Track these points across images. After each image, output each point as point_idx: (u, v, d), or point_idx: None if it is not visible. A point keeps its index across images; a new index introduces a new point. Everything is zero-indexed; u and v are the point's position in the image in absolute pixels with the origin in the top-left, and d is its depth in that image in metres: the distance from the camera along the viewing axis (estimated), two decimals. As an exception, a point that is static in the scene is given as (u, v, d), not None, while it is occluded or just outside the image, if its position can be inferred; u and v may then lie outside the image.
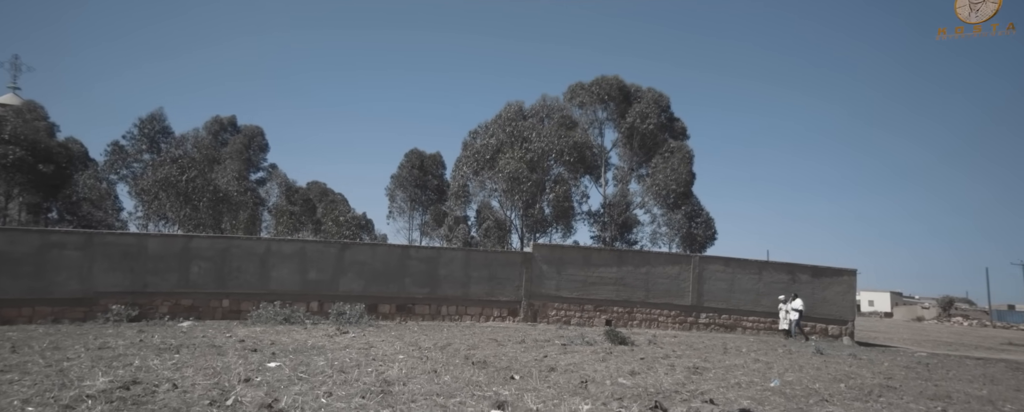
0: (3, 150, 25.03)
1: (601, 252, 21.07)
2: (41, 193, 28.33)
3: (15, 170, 25.72)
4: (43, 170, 26.84)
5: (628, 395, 6.65)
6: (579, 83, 32.74)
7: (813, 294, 19.64)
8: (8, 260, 13.75)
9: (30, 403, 4.87)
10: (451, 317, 17.53)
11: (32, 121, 28.35)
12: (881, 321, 49.84)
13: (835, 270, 20.02)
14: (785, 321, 18.48)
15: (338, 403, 5.44)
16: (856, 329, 20.34)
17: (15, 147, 25.37)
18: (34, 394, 5.23)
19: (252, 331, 12.22)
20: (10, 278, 13.70)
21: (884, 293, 71.99)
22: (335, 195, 41.24)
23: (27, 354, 7.93)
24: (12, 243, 13.97)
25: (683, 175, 30.36)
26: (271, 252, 16.36)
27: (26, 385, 5.68)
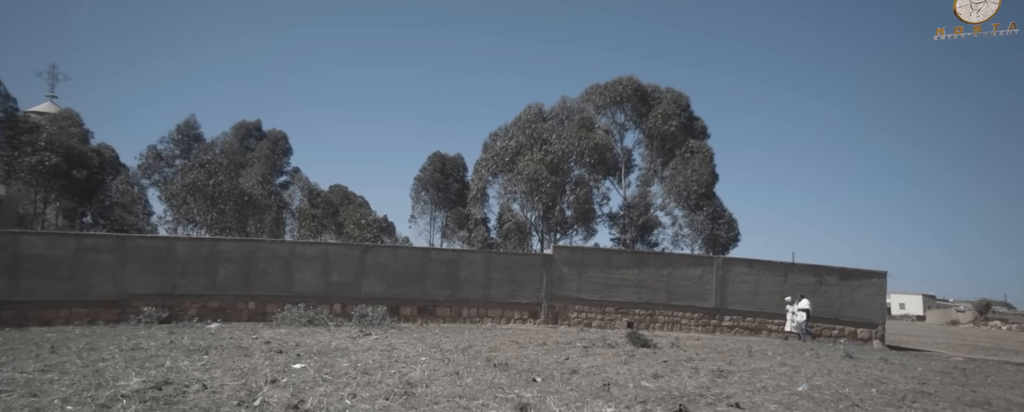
0: (40, 157, 25.94)
1: (622, 254, 20.90)
2: (76, 198, 29.29)
3: (52, 176, 26.64)
4: (78, 176, 27.75)
5: (652, 398, 6.57)
6: (596, 84, 32.60)
7: (841, 297, 19.18)
8: (47, 263, 14.22)
9: (69, 402, 5.02)
10: (472, 319, 17.56)
11: (67, 128, 29.35)
12: (913, 325, 48.41)
13: (864, 272, 19.53)
14: (791, 322, 18.13)
15: (362, 404, 5.48)
16: (887, 333, 19.79)
17: (51, 154, 26.27)
18: (73, 393, 5.39)
19: (277, 333, 12.41)
20: (49, 281, 14.17)
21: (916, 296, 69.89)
22: (356, 198, 41.76)
23: (65, 354, 8.18)
24: (50, 247, 14.45)
25: (704, 175, 29.96)
26: (295, 255, 16.61)
27: (65, 384, 5.86)
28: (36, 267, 14.10)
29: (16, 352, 8.44)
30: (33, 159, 25.86)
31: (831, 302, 19.20)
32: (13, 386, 5.76)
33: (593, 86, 32.54)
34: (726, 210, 31.83)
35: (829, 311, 19.12)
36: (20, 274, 13.96)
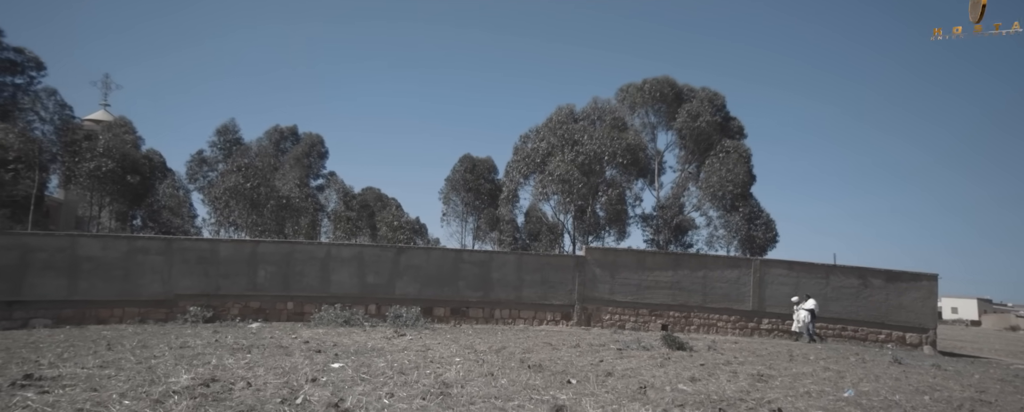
0: (98, 163, 27.36)
1: (656, 255, 20.59)
2: (128, 202, 30.75)
3: (108, 181, 28.06)
4: (130, 181, 29.12)
5: (690, 402, 6.45)
6: (629, 84, 32.27)
7: (887, 300, 18.43)
8: (102, 265, 14.97)
9: (126, 396, 5.27)
10: (504, 320, 17.59)
11: (121, 135, 30.87)
12: (967, 330, 46.01)
13: (913, 275, 18.71)
14: (797, 322, 17.57)
15: (400, 404, 5.56)
16: (938, 338, 18.89)
17: (107, 160, 27.67)
18: (129, 388, 5.65)
19: (315, 333, 12.71)
20: (104, 281, 14.90)
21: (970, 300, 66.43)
22: (389, 200, 42.43)
23: (120, 352, 8.59)
24: (105, 249, 15.20)
25: (740, 175, 29.27)
26: (331, 256, 16.98)
27: (122, 380, 6.15)
28: (92, 268, 14.85)
29: (77, 349, 8.91)
30: (91, 165, 27.29)
31: (877, 305, 18.45)
32: (76, 381, 6.08)
33: (626, 85, 32.25)
34: (763, 211, 31.01)
35: (875, 315, 18.39)
36: (78, 275, 14.72)
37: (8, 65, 19.68)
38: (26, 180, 25.88)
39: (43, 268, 14.44)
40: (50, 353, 8.34)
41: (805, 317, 17.08)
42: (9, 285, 14.12)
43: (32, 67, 20.45)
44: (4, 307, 13.96)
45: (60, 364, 7.31)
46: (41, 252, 14.53)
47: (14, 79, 19.89)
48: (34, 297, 14.27)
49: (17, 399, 5.14)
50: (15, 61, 19.90)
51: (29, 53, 20.54)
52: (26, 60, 20.29)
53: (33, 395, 5.31)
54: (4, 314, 13.89)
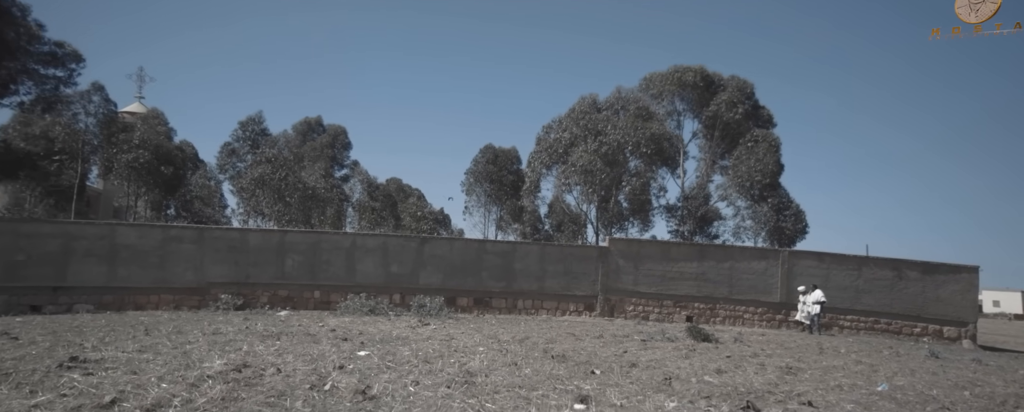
0: (134, 154, 28.31)
1: (680, 246, 20.35)
2: (162, 192, 31.77)
3: (144, 172, 29.03)
4: (164, 171, 30.06)
5: (716, 394, 6.37)
6: (655, 73, 31.75)
7: (924, 293, 17.88)
8: (138, 252, 15.50)
9: (164, 380, 5.47)
10: (527, 311, 17.65)
11: (155, 127, 31.84)
12: (1011, 324, 44.30)
13: (951, 267, 18.10)
14: (803, 313, 17.18)
15: (425, 392, 5.63)
16: (979, 332, 18.28)
17: (143, 151, 28.61)
18: (166, 372, 5.86)
19: (341, 321, 12.95)
20: (140, 268, 15.44)
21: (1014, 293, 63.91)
22: (412, 191, 42.82)
23: (157, 337, 8.90)
24: (141, 237, 15.73)
25: (769, 165, 28.65)
26: (356, 246, 17.25)
27: (159, 364, 6.38)
28: (130, 256, 15.39)
29: (117, 333, 9.26)
30: (128, 156, 28.24)
31: (912, 298, 17.93)
32: (117, 364, 6.33)
33: (651, 74, 31.75)
34: (793, 201, 30.33)
35: (910, 308, 17.88)
36: (117, 262, 15.28)
37: (49, 58, 20.43)
38: (70, 171, 26.93)
39: (85, 255, 15.02)
40: (93, 337, 8.69)
41: (816, 310, 16.73)
42: (54, 271, 14.74)
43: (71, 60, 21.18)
44: (50, 292, 14.60)
45: (102, 348, 7.61)
46: (83, 240, 15.12)
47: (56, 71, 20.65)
48: (77, 283, 14.88)
49: (65, 380, 5.38)
50: (56, 54, 20.64)
51: (68, 47, 21.27)
52: (66, 53, 21.01)
53: (79, 376, 5.54)
54: (50, 299, 14.53)
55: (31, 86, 20.22)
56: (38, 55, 19.96)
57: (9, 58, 18.71)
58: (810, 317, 16.85)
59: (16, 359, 6.56)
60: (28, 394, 4.85)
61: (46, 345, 7.77)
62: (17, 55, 18.97)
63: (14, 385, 5.16)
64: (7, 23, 18.06)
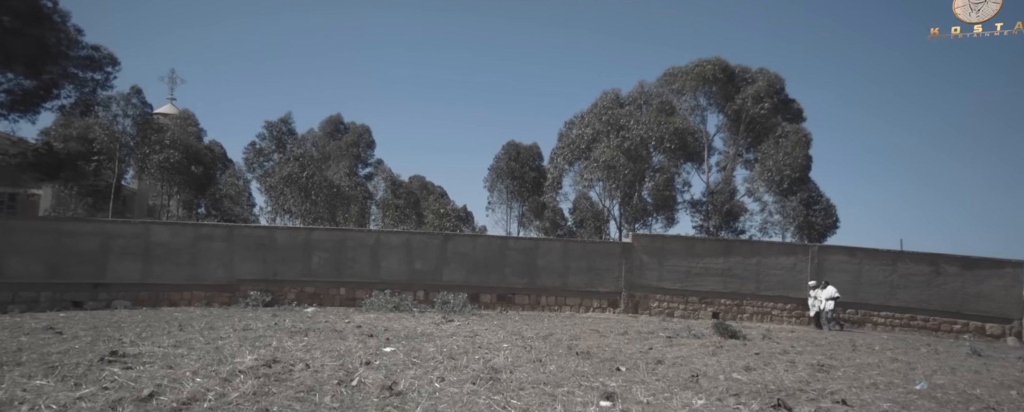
0: (166, 154, 29.18)
1: (706, 242, 20.05)
2: (193, 191, 32.66)
3: (175, 171, 29.91)
4: (195, 171, 30.90)
5: (745, 391, 6.27)
6: (676, 67, 31.27)
7: (964, 288, 17.28)
8: (172, 250, 15.96)
9: (198, 374, 5.63)
10: (550, 307, 17.63)
11: (186, 127, 32.73)
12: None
13: (994, 261, 17.46)
14: (814, 309, 16.74)
15: (451, 388, 5.67)
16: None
17: (175, 151, 29.46)
18: (200, 367, 6.03)
19: (367, 318, 13.14)
20: (174, 266, 15.90)
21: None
22: (435, 188, 43.12)
23: (190, 332, 9.17)
24: (174, 236, 16.20)
25: (799, 159, 28.01)
26: (380, 243, 17.44)
27: (193, 359, 6.57)
28: (164, 253, 15.86)
29: (153, 329, 9.57)
30: (161, 156, 29.13)
31: (951, 294, 17.34)
32: (154, 358, 6.55)
33: (672, 68, 31.26)
34: (823, 195, 29.60)
35: (949, 304, 17.30)
36: (152, 260, 15.77)
37: (87, 62, 21.14)
38: (107, 171, 27.89)
39: (122, 253, 15.54)
40: (131, 332, 8.99)
41: (829, 306, 16.33)
42: (94, 269, 15.29)
43: (108, 63, 21.90)
44: (90, 289, 15.15)
45: (140, 342, 7.88)
46: (120, 238, 15.63)
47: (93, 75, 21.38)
48: (115, 280, 15.41)
49: (106, 373, 5.59)
50: (93, 58, 21.35)
51: (105, 50, 22.01)
52: (103, 57, 21.74)
53: (119, 370, 5.75)
54: (91, 295, 15.09)
55: (71, 89, 20.97)
56: (77, 59, 20.68)
57: (51, 63, 19.42)
58: (822, 313, 16.52)
59: (61, 353, 6.83)
60: (73, 386, 5.05)
61: (88, 340, 8.08)
62: (58, 60, 19.69)
63: (60, 378, 5.38)
64: (48, 29, 18.74)
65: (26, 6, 17.84)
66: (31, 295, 14.67)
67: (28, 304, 14.39)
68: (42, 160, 20.89)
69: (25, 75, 19.35)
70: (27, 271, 14.79)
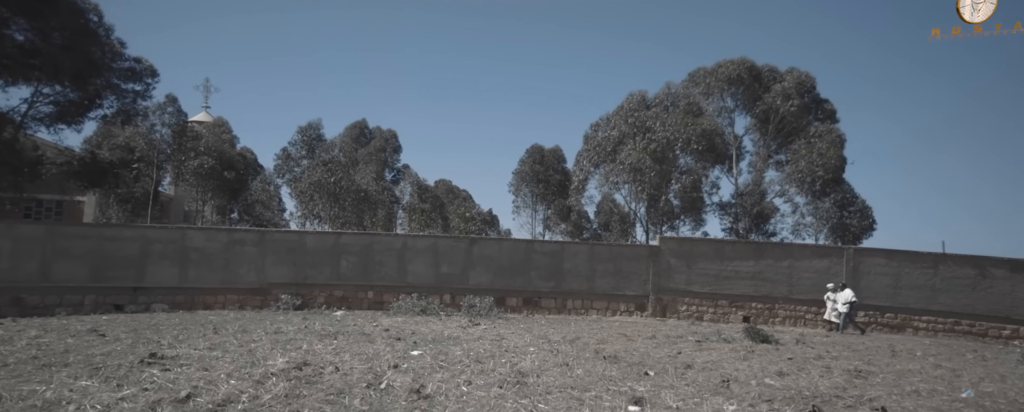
0: (201, 161, 30.17)
1: (735, 244, 19.65)
2: (226, 196, 33.63)
3: (209, 177, 30.88)
4: (228, 177, 31.84)
5: (779, 397, 6.10)
6: (701, 68, 30.81)
7: (1013, 292, 16.54)
8: (206, 255, 16.46)
9: (232, 377, 5.77)
10: (577, 311, 17.53)
11: (220, 135, 33.76)
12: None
13: (1046, 262, 16.66)
14: (832, 313, 16.20)
15: (478, 391, 5.68)
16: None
17: (209, 158, 30.43)
18: (234, 369, 6.18)
19: (394, 321, 13.27)
20: (208, 270, 16.39)
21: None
22: (461, 192, 43.39)
23: (224, 335, 9.41)
24: (208, 240, 16.70)
25: (832, 160, 27.24)
26: (407, 247, 17.64)
27: (227, 361, 6.74)
28: (199, 258, 16.37)
29: (189, 332, 9.87)
30: (196, 163, 30.12)
31: (999, 298, 16.60)
32: (190, 360, 6.74)
33: (697, 70, 30.81)
34: (858, 197, 28.73)
35: (996, 308, 16.57)
36: (188, 264, 16.29)
37: (129, 74, 22.09)
38: (146, 178, 28.98)
39: (160, 258, 16.10)
40: (168, 335, 9.29)
41: (845, 309, 15.81)
42: (134, 273, 15.88)
43: (148, 75, 22.84)
44: (130, 293, 15.73)
45: (177, 345, 8.13)
46: (158, 243, 16.20)
47: (134, 86, 22.32)
48: (154, 284, 15.97)
49: (146, 375, 5.79)
50: (135, 70, 22.29)
51: (145, 62, 22.95)
52: (143, 68, 22.68)
53: (158, 372, 5.94)
54: (131, 299, 15.66)
55: (113, 100, 21.91)
56: (119, 71, 21.63)
57: (96, 75, 20.36)
58: (840, 316, 16.03)
59: (104, 355, 7.10)
60: (115, 387, 5.24)
61: (128, 342, 8.38)
62: (102, 72, 20.62)
63: (103, 379, 5.59)
64: (94, 43, 19.64)
65: (75, 23, 18.73)
66: (76, 298, 15.31)
67: (74, 307, 15.02)
68: (86, 168, 21.84)
69: (72, 87, 20.30)
70: (72, 275, 15.44)
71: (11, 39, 18.01)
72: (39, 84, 19.89)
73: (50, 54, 18.11)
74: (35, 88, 20.14)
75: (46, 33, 18.40)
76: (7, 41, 17.71)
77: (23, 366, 6.27)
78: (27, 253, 15.23)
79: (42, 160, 21.34)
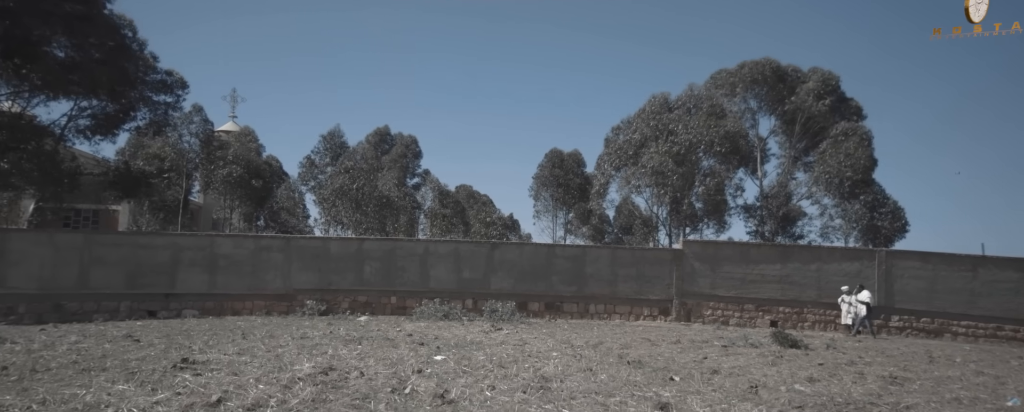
0: (229, 170, 30.92)
1: (761, 247, 19.28)
2: (253, 204, 34.37)
3: (237, 186, 31.61)
4: (255, 185, 32.55)
5: (809, 404, 5.96)
6: (722, 69, 30.39)
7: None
8: (234, 262, 16.83)
9: (261, 381, 5.89)
10: (599, 315, 17.39)
11: (247, 144, 34.57)
12: None
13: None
14: (849, 316, 15.75)
15: (502, 396, 5.68)
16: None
17: (237, 166, 31.17)
18: (262, 374, 6.31)
19: (417, 326, 13.36)
20: (237, 276, 16.75)
21: None
22: (482, 197, 43.50)
23: (252, 340, 9.60)
24: (236, 247, 17.07)
25: (861, 160, 26.52)
26: (429, 252, 17.75)
27: (255, 366, 6.88)
28: (227, 264, 16.73)
29: (218, 337, 10.09)
30: (224, 172, 30.89)
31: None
32: (220, 366, 6.90)
33: (719, 71, 30.40)
34: (889, 198, 27.91)
35: (1038, 313, 15.89)
36: (217, 271, 16.67)
37: (161, 86, 22.82)
38: (176, 187, 29.81)
39: (190, 265, 16.51)
40: (199, 341, 9.52)
41: (862, 310, 15.31)
42: (166, 280, 16.32)
43: (178, 87, 23.55)
44: (163, 299, 16.17)
45: (207, 350, 8.32)
46: (188, 251, 16.63)
47: (165, 98, 23.03)
48: (184, 290, 16.38)
49: (178, 379, 5.94)
50: (166, 82, 23.02)
51: (176, 74, 23.68)
52: (174, 80, 23.40)
53: (189, 377, 6.09)
54: (163, 305, 16.09)
55: (145, 111, 22.64)
56: (151, 83, 22.38)
57: (130, 88, 21.12)
58: (857, 318, 15.56)
59: (139, 359, 7.31)
60: (150, 391, 5.39)
61: (162, 347, 8.61)
62: (136, 85, 21.37)
63: (139, 383, 5.75)
64: (128, 58, 20.39)
65: (111, 39, 19.47)
66: (113, 304, 15.80)
67: (110, 313, 15.51)
68: (121, 178, 22.56)
69: (108, 100, 21.06)
70: (109, 282, 15.94)
71: (53, 56, 18.79)
72: (78, 98, 20.67)
73: (88, 69, 18.83)
74: (74, 102, 20.95)
75: (85, 49, 19.16)
76: (49, 58, 18.48)
77: (64, 370, 6.50)
78: (67, 261, 15.79)
79: (80, 171, 22.13)
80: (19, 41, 17.38)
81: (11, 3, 16.90)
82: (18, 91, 19.67)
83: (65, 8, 17.42)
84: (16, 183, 20.28)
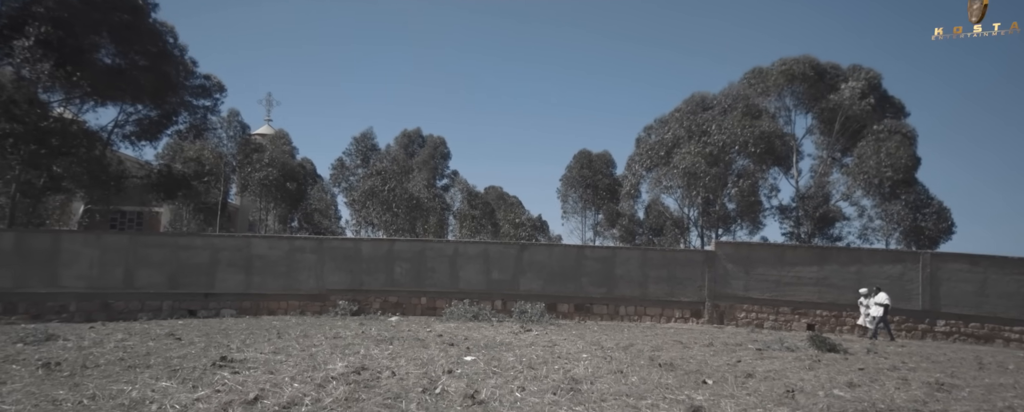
0: (265, 173, 31.83)
1: (797, 249, 18.75)
2: (287, 206, 35.28)
3: (272, 188, 32.52)
4: (289, 187, 33.43)
5: (849, 409, 5.76)
6: (758, 67, 29.65)
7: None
8: (269, 262, 17.29)
9: (296, 380, 6.04)
10: (629, 317, 17.20)
11: (281, 146, 35.53)
12: None
13: None
14: (866, 317, 15.19)
15: (532, 398, 5.68)
16: None
17: (272, 169, 32.07)
18: (297, 373, 6.46)
19: (447, 327, 13.45)
20: (272, 277, 17.21)
21: None
22: (511, 198, 43.58)
23: (287, 340, 9.84)
24: (271, 248, 17.54)
25: (903, 160, 25.51)
26: (458, 253, 17.87)
27: (290, 365, 7.05)
28: (263, 265, 17.20)
29: (255, 336, 10.38)
30: (260, 174, 31.81)
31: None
32: (257, 364, 7.10)
33: (754, 69, 29.68)
34: (933, 198, 26.78)
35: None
36: (252, 271, 17.15)
37: (201, 91, 23.66)
38: (215, 189, 30.85)
39: (227, 265, 17.04)
40: (236, 339, 9.81)
41: (878, 312, 14.65)
42: (206, 280, 16.89)
43: (216, 91, 24.35)
44: (202, 298, 16.74)
45: (244, 349, 8.57)
46: (226, 251, 17.17)
47: (204, 102, 23.83)
48: (223, 290, 16.92)
49: (217, 377, 6.14)
50: (205, 87, 23.86)
51: (214, 79, 24.53)
52: (212, 85, 24.23)
53: (228, 374, 6.29)
54: (202, 304, 16.65)
55: (186, 116, 23.49)
56: (191, 88, 23.22)
57: (172, 94, 21.99)
58: (873, 320, 14.94)
59: (180, 357, 7.59)
60: (191, 388, 5.59)
61: (201, 346, 8.91)
62: (177, 90, 22.22)
63: (180, 380, 5.98)
64: (170, 64, 21.27)
65: (155, 45, 20.33)
66: (156, 304, 16.44)
67: (153, 312, 16.14)
68: (163, 181, 23.48)
69: (152, 106, 21.96)
70: (152, 281, 16.59)
71: (101, 63, 19.70)
72: (124, 104, 21.62)
73: (133, 76, 19.68)
74: (120, 108, 21.91)
75: (130, 56, 20.05)
76: (98, 65, 19.38)
77: (112, 367, 6.79)
78: (113, 261, 16.49)
79: (126, 174, 23.12)
80: (71, 50, 18.30)
81: (65, 14, 17.79)
82: (69, 98, 20.67)
83: (113, 17, 18.25)
84: (67, 186, 21.31)
